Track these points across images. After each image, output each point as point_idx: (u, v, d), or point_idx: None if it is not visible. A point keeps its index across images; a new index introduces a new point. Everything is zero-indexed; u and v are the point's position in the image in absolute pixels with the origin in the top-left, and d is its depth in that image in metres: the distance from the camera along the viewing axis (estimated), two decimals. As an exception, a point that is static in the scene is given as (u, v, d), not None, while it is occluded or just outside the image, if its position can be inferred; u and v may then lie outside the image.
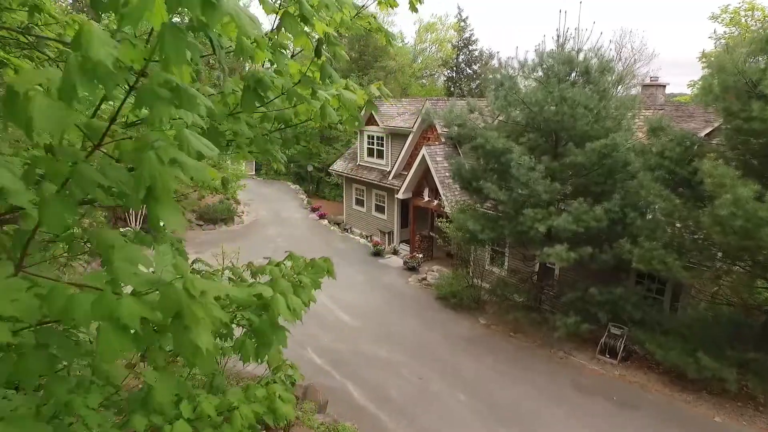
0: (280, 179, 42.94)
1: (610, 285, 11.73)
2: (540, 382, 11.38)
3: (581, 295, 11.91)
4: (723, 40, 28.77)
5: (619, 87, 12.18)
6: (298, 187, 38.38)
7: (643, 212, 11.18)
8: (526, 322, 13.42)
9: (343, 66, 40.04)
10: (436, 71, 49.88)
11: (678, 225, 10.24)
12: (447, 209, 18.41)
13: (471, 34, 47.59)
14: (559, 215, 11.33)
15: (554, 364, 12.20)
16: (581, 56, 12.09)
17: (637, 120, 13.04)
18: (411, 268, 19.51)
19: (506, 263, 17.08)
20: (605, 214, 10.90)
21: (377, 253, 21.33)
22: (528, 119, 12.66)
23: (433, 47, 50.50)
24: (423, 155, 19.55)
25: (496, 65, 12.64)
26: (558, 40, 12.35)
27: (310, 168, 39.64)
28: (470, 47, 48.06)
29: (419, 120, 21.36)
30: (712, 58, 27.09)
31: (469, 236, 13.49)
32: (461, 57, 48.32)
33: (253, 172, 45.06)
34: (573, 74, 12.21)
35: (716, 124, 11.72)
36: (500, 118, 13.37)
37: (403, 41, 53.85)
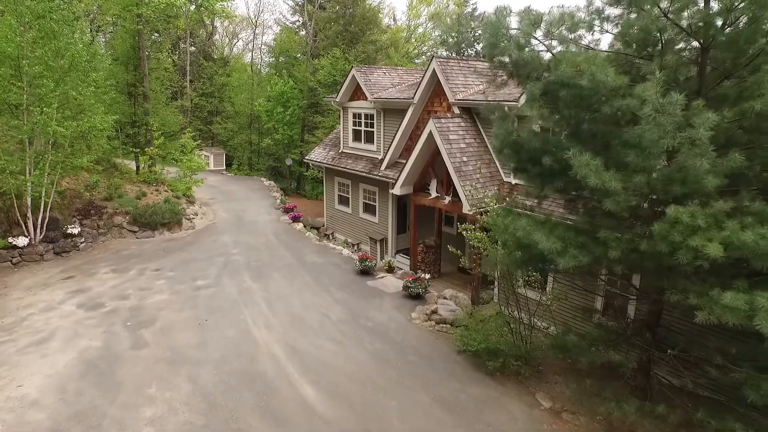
0: (253, 175, 36.74)
1: None
2: None
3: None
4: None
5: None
6: (272, 183, 32.08)
7: None
8: (636, 416, 7.29)
9: (326, 42, 33.93)
10: (434, 51, 43.78)
11: None
12: (466, 209, 12.36)
13: (474, 9, 41.71)
14: (736, 219, 5.27)
15: None
16: None
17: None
18: (415, 296, 13.36)
19: (551, 292, 10.96)
20: None
21: (366, 271, 15.17)
22: (649, 35, 6.55)
23: (430, 24, 44.42)
24: (430, 132, 13.46)
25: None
26: None
27: (289, 162, 33.38)
28: (473, 24, 42.16)
29: (426, 78, 15.15)
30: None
31: (529, 257, 7.34)
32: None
33: (223, 167, 38.71)
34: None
35: None
36: (589, 38, 7.23)
37: (395, 21, 47.84)
